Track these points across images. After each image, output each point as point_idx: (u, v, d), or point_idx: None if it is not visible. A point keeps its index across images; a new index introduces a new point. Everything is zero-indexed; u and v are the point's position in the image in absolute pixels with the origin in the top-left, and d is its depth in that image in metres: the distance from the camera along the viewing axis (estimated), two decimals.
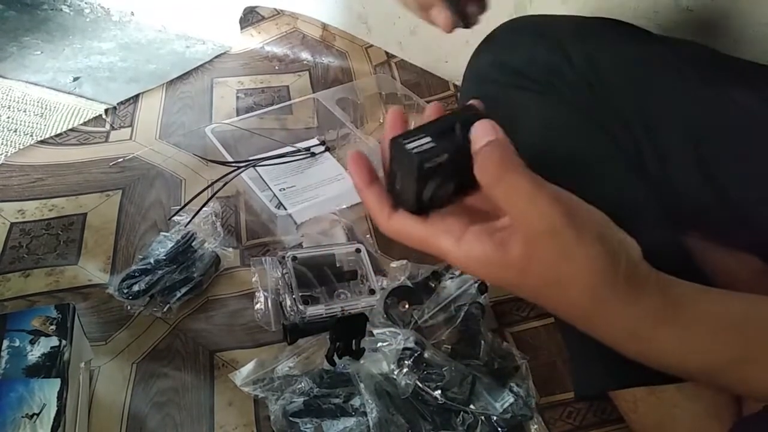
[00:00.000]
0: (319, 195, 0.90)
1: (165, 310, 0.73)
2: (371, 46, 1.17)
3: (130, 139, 1.00)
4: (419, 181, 0.36)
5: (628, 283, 0.34)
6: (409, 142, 0.36)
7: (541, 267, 0.34)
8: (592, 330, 0.37)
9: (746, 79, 0.60)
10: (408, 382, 0.62)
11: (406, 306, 0.70)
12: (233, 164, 0.88)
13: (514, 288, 0.37)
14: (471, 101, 0.39)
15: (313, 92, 1.09)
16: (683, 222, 0.61)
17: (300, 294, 0.73)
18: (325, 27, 1.19)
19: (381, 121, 1.04)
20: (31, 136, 1.01)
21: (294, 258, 0.76)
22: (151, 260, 0.75)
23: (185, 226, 0.80)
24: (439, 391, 0.62)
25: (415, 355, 0.63)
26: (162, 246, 0.77)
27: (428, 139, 0.36)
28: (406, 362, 0.63)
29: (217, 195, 0.87)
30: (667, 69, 0.63)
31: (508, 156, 0.35)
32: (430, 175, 0.36)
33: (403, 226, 0.38)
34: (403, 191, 0.38)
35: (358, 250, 0.80)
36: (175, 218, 0.82)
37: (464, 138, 0.36)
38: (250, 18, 1.22)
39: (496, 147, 0.35)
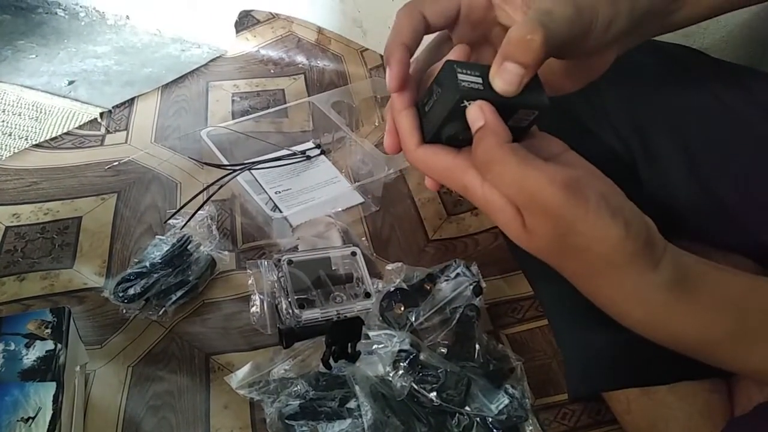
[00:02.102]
0: (314, 198, 0.90)
1: (160, 313, 0.73)
2: (366, 49, 1.18)
3: (126, 142, 1.00)
4: (450, 113, 0.35)
5: (644, 253, 0.35)
6: (462, 73, 0.35)
7: (544, 241, 0.35)
8: (597, 294, 0.37)
9: (733, 80, 0.61)
10: (403, 384, 0.62)
11: (402, 308, 0.70)
12: (229, 167, 0.88)
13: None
14: None
15: (309, 95, 1.09)
16: (676, 226, 0.61)
17: (296, 297, 0.73)
18: (320, 31, 1.20)
19: (376, 124, 1.04)
20: (26, 139, 1.01)
21: (290, 261, 0.77)
22: (147, 263, 0.75)
23: (181, 230, 0.80)
24: (435, 393, 0.62)
25: (411, 357, 0.63)
26: (157, 249, 0.77)
27: (480, 80, 0.35)
28: (401, 364, 0.63)
29: (212, 198, 0.87)
30: (655, 72, 0.63)
31: (492, 145, 0.35)
32: (462, 114, 0.35)
33: (433, 154, 0.37)
34: (430, 115, 0.37)
35: (353, 253, 0.80)
36: (171, 221, 0.82)
37: (511, 98, 0.35)
38: (245, 22, 1.22)
39: (483, 135, 0.35)
